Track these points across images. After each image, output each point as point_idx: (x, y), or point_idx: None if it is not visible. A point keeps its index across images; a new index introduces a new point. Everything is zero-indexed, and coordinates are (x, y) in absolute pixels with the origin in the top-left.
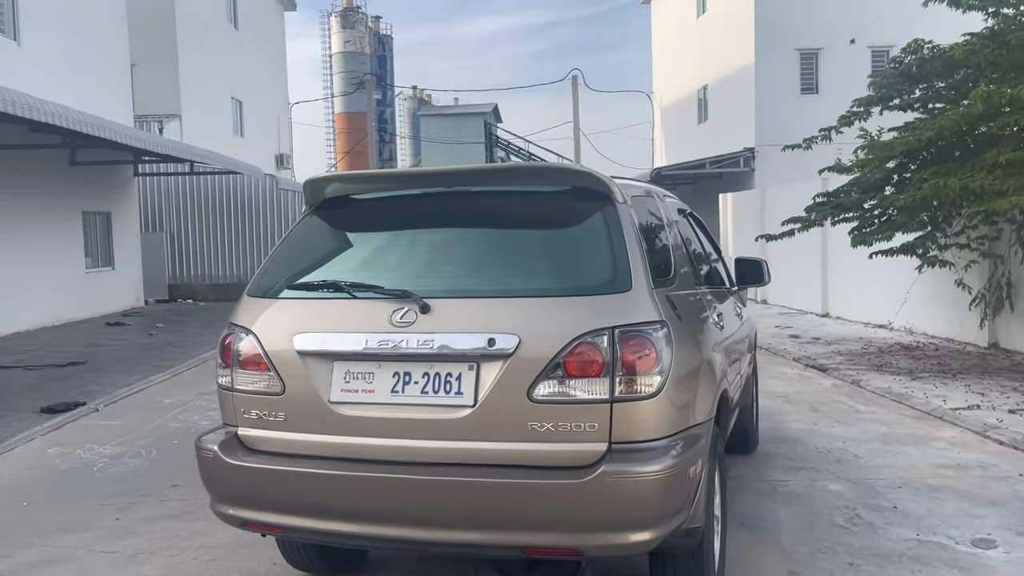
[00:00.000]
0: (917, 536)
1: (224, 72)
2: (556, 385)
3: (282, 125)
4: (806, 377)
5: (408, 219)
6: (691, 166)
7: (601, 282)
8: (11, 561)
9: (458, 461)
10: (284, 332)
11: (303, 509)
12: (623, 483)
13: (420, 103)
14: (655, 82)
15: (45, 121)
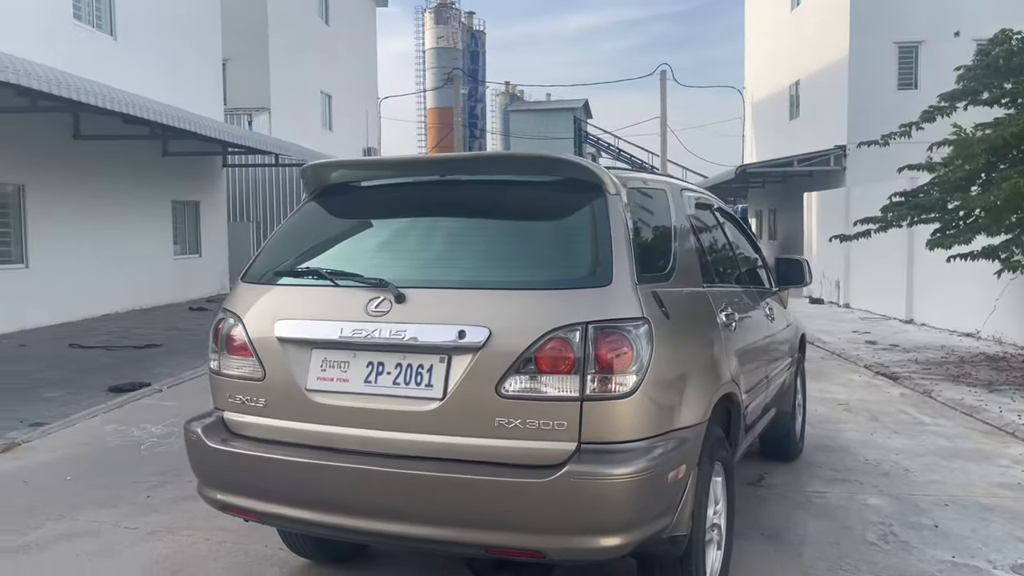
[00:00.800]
0: (952, 558)
1: (314, 67)
2: (525, 381)
3: (370, 119)
4: (874, 385)
5: (399, 207)
6: (778, 164)
7: (580, 276)
8: (38, 533)
9: (426, 455)
10: (267, 319)
11: (277, 496)
12: (589, 485)
13: (512, 99)
14: (747, 78)
15: (135, 115)
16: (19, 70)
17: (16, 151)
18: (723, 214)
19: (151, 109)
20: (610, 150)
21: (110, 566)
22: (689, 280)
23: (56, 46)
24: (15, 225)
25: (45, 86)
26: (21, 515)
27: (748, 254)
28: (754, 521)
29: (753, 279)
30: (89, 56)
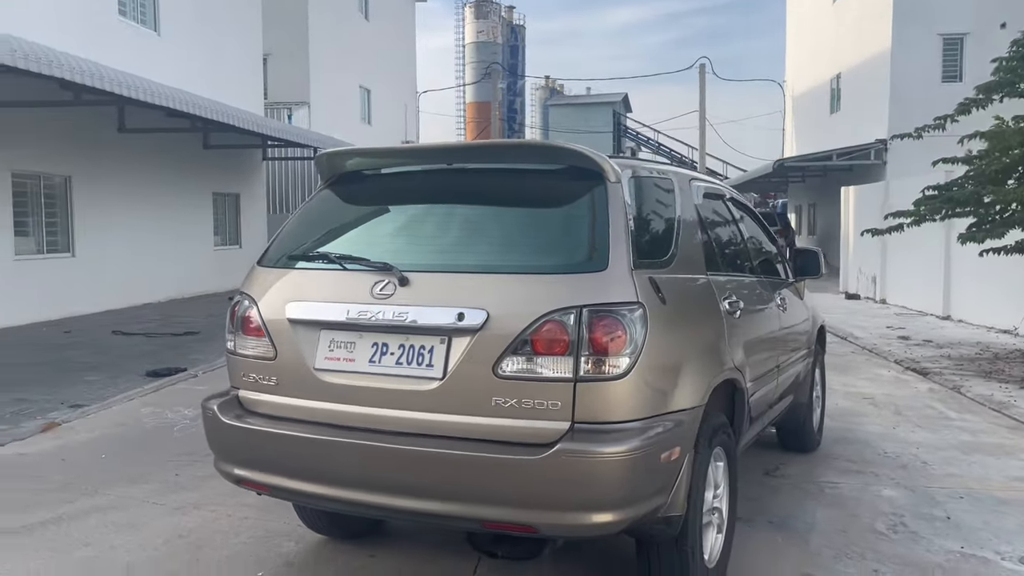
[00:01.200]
0: (961, 549)
1: (353, 61)
2: (521, 362)
3: (409, 113)
4: (902, 380)
5: (408, 194)
6: (816, 158)
7: (576, 261)
8: (72, 507)
9: (425, 432)
10: (280, 301)
11: (285, 470)
12: (579, 463)
13: (552, 93)
14: (787, 71)
15: (176, 108)
16: (63, 64)
17: (63, 144)
18: (737, 205)
19: (192, 103)
20: (649, 144)
21: (135, 538)
22: (691, 268)
23: (101, 41)
24: (62, 215)
25: (89, 80)
26: (57, 490)
27: (762, 245)
28: (764, 508)
29: (766, 270)
30: (133, 51)
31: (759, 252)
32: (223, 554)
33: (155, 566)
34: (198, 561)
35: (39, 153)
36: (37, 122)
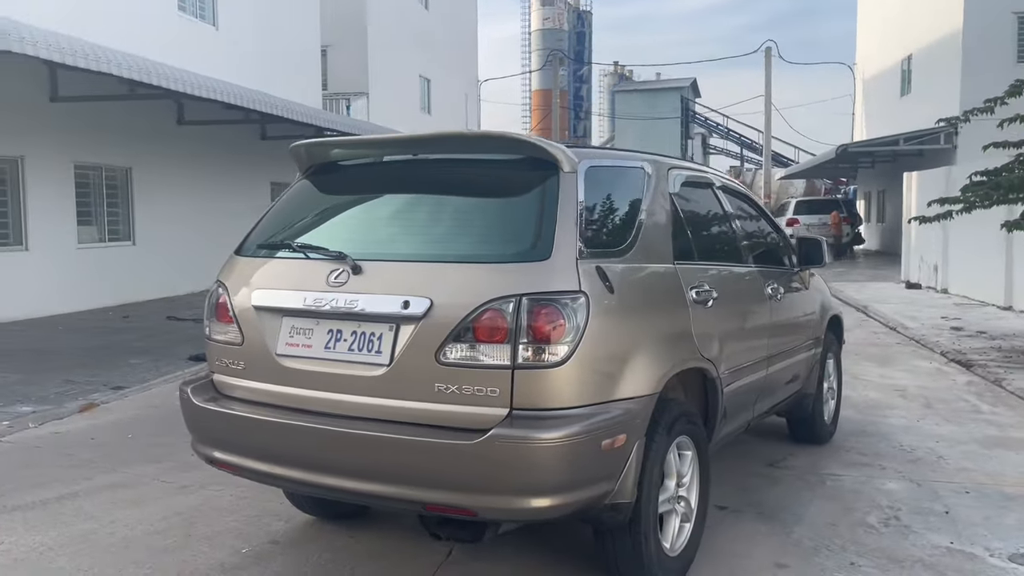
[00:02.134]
0: (950, 544)
1: (413, 51)
2: (463, 349)
3: (470, 102)
4: (942, 372)
5: (374, 184)
6: (883, 142)
7: (520, 250)
8: (89, 483)
9: (373, 416)
10: (247, 289)
11: (249, 451)
12: (513, 448)
13: (620, 79)
14: (858, 53)
15: (232, 103)
16: (120, 63)
17: (124, 136)
18: (731, 193)
19: (247, 97)
20: (718, 129)
21: (136, 514)
22: (654, 257)
23: (162, 36)
24: (123, 205)
25: (147, 78)
26: (80, 467)
27: (756, 234)
28: (757, 499)
29: (761, 259)
30: (192, 45)
31: (753, 241)
32: (214, 530)
33: (147, 540)
34: (188, 536)
35: (101, 145)
36: (99, 116)
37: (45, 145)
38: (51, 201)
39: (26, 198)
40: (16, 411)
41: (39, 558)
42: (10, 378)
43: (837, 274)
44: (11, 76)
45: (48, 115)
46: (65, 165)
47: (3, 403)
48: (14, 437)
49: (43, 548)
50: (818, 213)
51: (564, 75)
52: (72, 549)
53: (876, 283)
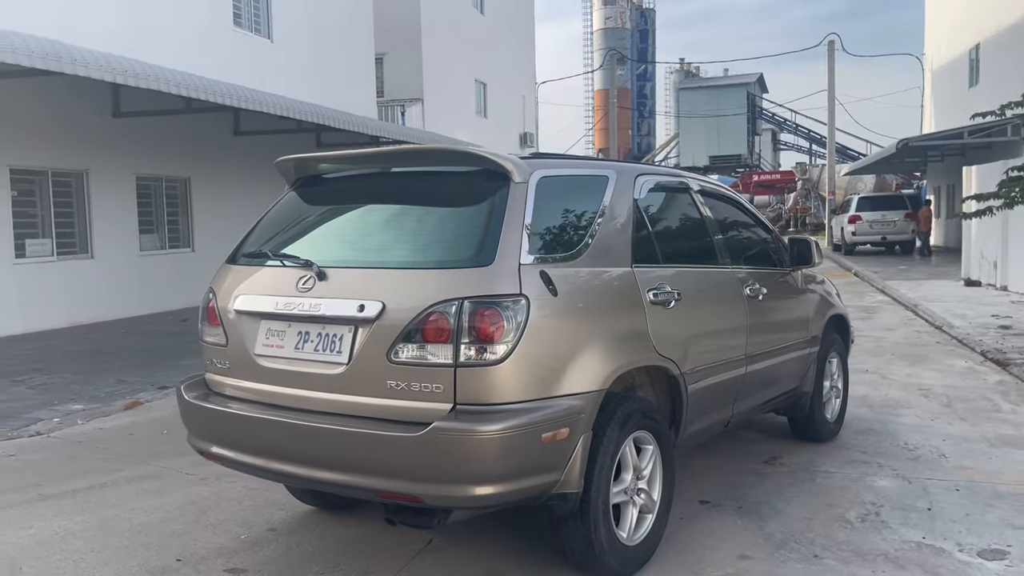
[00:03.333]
0: (921, 539)
1: (468, 56)
2: (412, 349)
3: (528, 104)
4: (975, 371)
5: (347, 195)
6: (947, 136)
7: (465, 256)
8: (119, 475)
9: (333, 411)
10: (231, 294)
11: (230, 443)
12: (453, 440)
13: (687, 76)
14: (927, 44)
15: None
16: (179, 83)
17: (183, 148)
18: (711, 196)
19: (298, 109)
20: (786, 125)
21: (155, 503)
22: (609, 261)
23: (219, 51)
24: (183, 214)
25: (204, 95)
26: (114, 459)
27: (737, 236)
28: (741, 494)
29: (741, 260)
30: (247, 58)
31: (732, 243)
32: (220, 518)
33: (160, 526)
34: (196, 523)
35: (161, 157)
36: (158, 129)
37: (108, 158)
38: (114, 211)
39: (91, 209)
40: (68, 408)
41: (59, 541)
42: (69, 378)
43: (897, 272)
44: (77, 95)
45: (111, 130)
46: (127, 177)
47: (58, 401)
48: (61, 432)
49: (65, 532)
50: (882, 210)
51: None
52: (90, 533)
53: (934, 281)
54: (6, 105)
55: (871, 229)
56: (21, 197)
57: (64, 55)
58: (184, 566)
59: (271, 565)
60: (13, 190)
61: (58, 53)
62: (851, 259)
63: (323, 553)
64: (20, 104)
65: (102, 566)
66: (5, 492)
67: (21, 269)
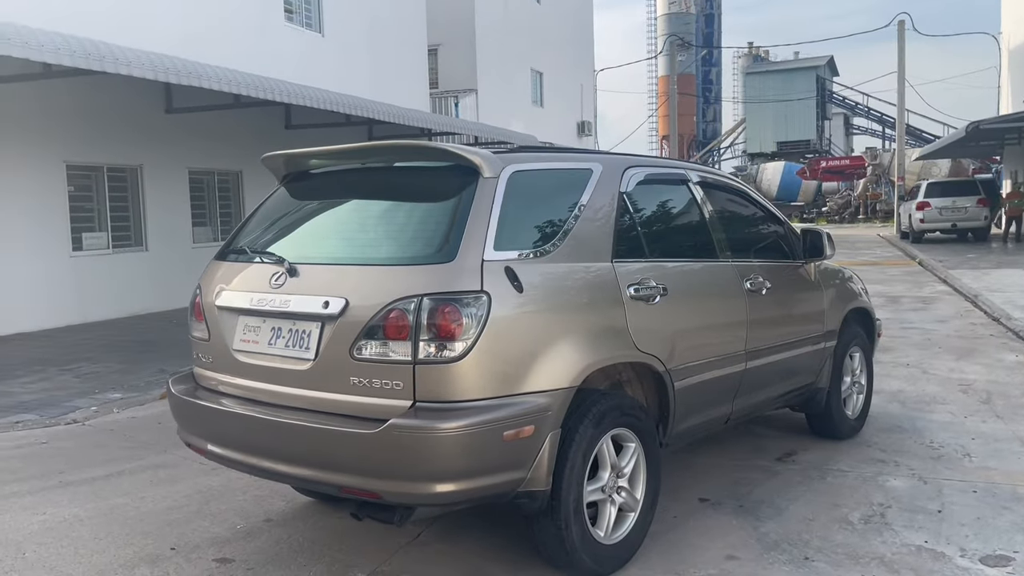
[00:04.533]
0: (923, 543)
1: (524, 46)
2: (374, 345)
3: (586, 92)
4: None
5: (326, 191)
6: (1017, 118)
7: (428, 253)
8: (138, 463)
9: (301, 406)
10: (215, 290)
11: (210, 435)
12: (410, 437)
13: (755, 60)
14: (1003, 22)
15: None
16: (229, 80)
17: (234, 142)
18: (712, 188)
19: (345, 103)
20: (858, 109)
21: (165, 491)
22: (585, 256)
23: (271, 47)
24: (235, 207)
25: (254, 92)
26: (137, 448)
27: (740, 228)
28: (744, 492)
29: (744, 253)
30: (298, 52)
31: (734, 235)
32: (222, 507)
33: (164, 515)
34: (199, 512)
35: (213, 151)
36: (211, 124)
37: (161, 153)
38: (168, 205)
39: (145, 203)
40: (107, 397)
41: (66, 528)
42: (114, 367)
43: (964, 260)
44: (130, 92)
45: (164, 126)
46: (180, 171)
47: (99, 390)
48: (96, 421)
49: (73, 519)
50: (953, 195)
51: (683, 60)
52: (97, 521)
53: (1002, 270)
54: (62, 103)
55: (940, 216)
56: (78, 192)
57: (107, 55)
58: (176, 554)
59: (259, 555)
60: (70, 185)
61: (100, 53)
62: (918, 247)
63: (312, 545)
64: (76, 102)
65: (99, 553)
66: (29, 478)
67: (78, 261)
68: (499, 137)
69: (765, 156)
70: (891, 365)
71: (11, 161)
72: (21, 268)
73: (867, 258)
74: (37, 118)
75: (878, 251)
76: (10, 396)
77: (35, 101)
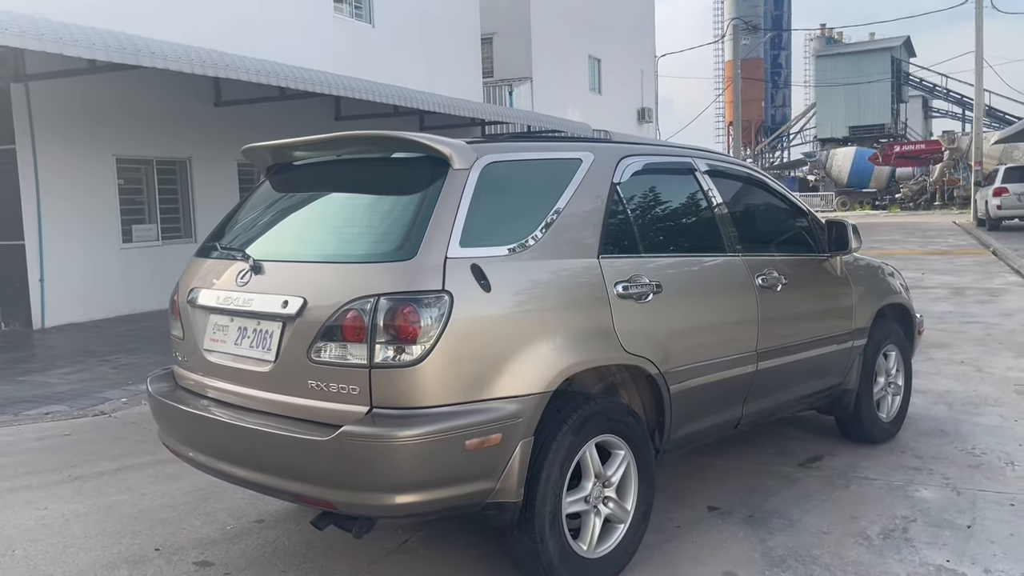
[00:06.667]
0: (944, 562)
1: (581, 32)
2: (330, 347)
3: (646, 79)
4: None
5: (299, 184)
6: None
7: (387, 250)
8: (148, 458)
9: (261, 409)
10: (189, 288)
11: (179, 435)
12: (363, 445)
13: (828, 42)
14: None
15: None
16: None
17: (284, 134)
18: (723, 176)
19: (392, 93)
20: (937, 91)
21: (167, 488)
22: (568, 252)
23: (320, 39)
24: None
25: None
26: (152, 442)
27: (755, 220)
28: (758, 501)
29: (758, 247)
30: (349, 44)
31: (747, 228)
32: (216, 507)
33: (157, 512)
34: (193, 511)
35: None
36: (259, 116)
37: (210, 146)
38: (216, 197)
39: (194, 195)
40: (138, 389)
41: (62, 525)
42: (152, 358)
43: None
44: (179, 87)
45: (213, 118)
46: (229, 163)
47: (132, 381)
48: (121, 413)
49: (71, 516)
50: None
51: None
52: (93, 518)
53: None
54: (111, 97)
55: (1019, 202)
56: (128, 185)
57: (143, 49)
58: (159, 556)
59: (241, 559)
60: (120, 178)
61: (136, 47)
62: (994, 235)
63: (296, 548)
64: (124, 96)
65: (84, 552)
66: (41, 472)
67: (128, 253)
68: (553, 126)
69: (836, 141)
70: (943, 362)
71: (62, 156)
72: (72, 261)
73: (937, 246)
74: (86, 113)
75: (950, 239)
76: (47, 387)
77: (84, 96)
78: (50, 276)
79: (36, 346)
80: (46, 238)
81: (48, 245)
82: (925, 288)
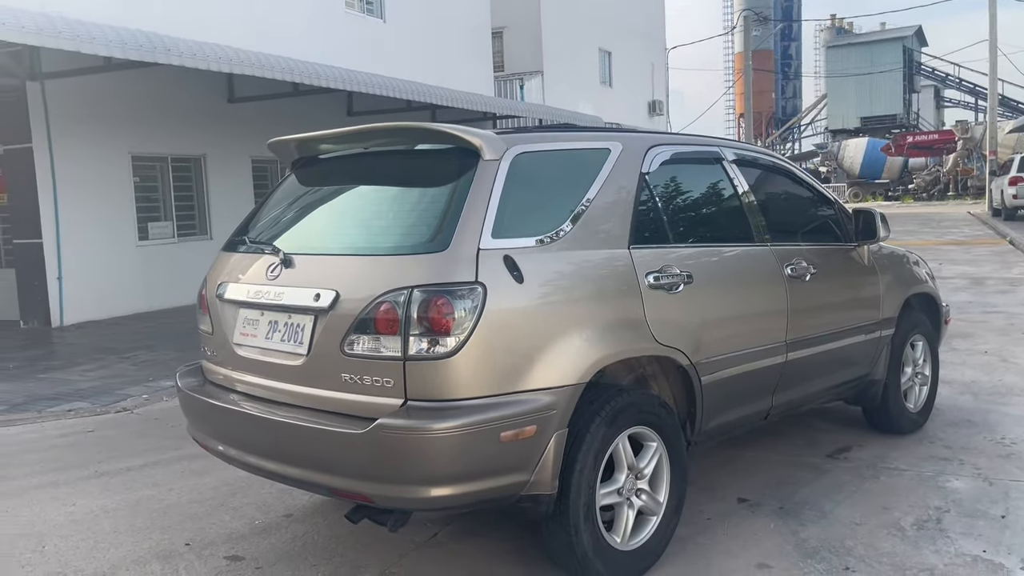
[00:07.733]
0: (981, 553)
1: (591, 26)
2: (364, 340)
3: (657, 71)
4: None
5: (328, 177)
6: None
7: (419, 242)
8: (174, 453)
9: (294, 403)
10: (218, 282)
11: (209, 430)
12: (399, 437)
13: (839, 33)
14: None
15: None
16: (277, 66)
17: (298, 130)
18: (750, 166)
19: (403, 88)
20: (949, 81)
21: (194, 483)
22: (598, 243)
23: (331, 35)
24: None
25: (316, 81)
26: (177, 438)
27: (782, 210)
28: (789, 492)
29: (786, 236)
30: (360, 39)
31: (774, 218)
32: (244, 501)
33: (185, 508)
34: (221, 506)
35: None
36: (273, 112)
37: (224, 143)
38: (231, 194)
39: (209, 192)
40: (159, 385)
41: (91, 520)
42: (171, 355)
43: None
44: (194, 84)
45: (227, 115)
46: (243, 160)
47: (153, 378)
48: (144, 409)
49: (100, 511)
50: None
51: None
52: (122, 513)
53: None
54: (126, 95)
55: None
56: (143, 183)
57: (159, 46)
58: (190, 551)
59: (271, 553)
60: (135, 176)
61: (152, 44)
62: (1010, 225)
63: (326, 543)
64: (140, 93)
65: (115, 548)
66: (68, 468)
67: (144, 251)
68: (564, 119)
69: (848, 132)
70: (967, 352)
71: (78, 154)
72: (90, 258)
73: (953, 237)
74: (102, 111)
75: (966, 230)
76: (68, 384)
77: (99, 94)
78: (68, 274)
79: (55, 344)
80: (63, 236)
81: (65, 243)
82: (944, 278)
